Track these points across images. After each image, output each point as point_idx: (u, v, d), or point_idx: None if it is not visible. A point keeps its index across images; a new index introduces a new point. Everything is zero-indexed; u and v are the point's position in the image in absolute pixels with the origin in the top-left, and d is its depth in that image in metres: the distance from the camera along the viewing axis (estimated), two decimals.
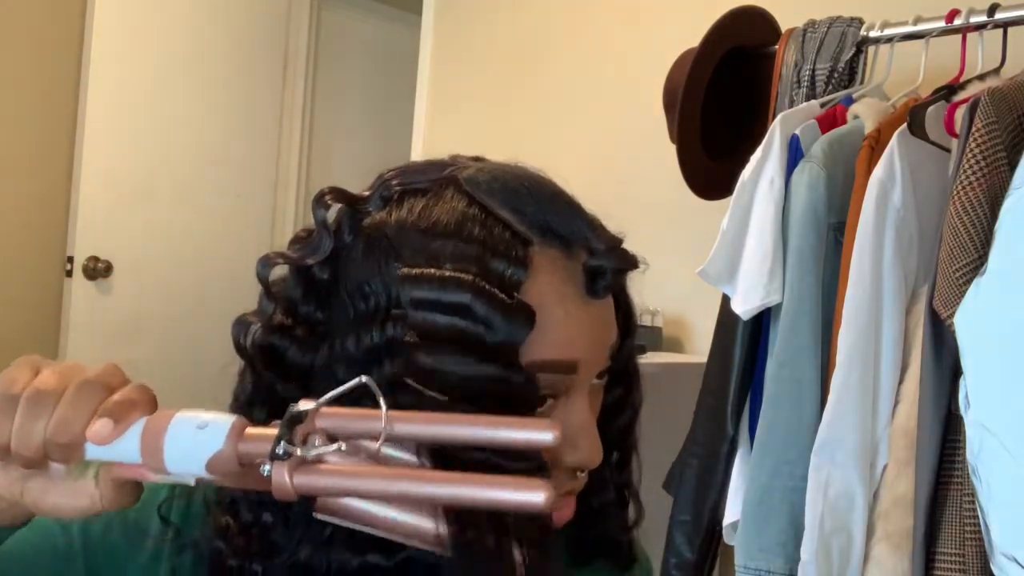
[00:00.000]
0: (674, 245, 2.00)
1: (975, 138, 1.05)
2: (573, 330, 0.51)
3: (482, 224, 0.50)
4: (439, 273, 0.48)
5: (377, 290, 0.50)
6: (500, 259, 0.49)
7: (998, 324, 0.97)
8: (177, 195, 2.96)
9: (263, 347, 0.52)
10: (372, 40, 3.56)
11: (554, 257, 0.51)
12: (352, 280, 0.51)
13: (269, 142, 3.25)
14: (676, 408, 1.46)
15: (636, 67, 2.17)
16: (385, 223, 0.52)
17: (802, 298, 1.25)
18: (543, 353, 0.50)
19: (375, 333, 0.49)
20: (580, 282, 0.52)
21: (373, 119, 3.53)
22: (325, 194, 0.54)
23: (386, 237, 0.51)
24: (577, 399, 0.53)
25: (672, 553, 1.40)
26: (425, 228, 0.51)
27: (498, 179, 0.53)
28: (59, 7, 2.75)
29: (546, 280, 0.50)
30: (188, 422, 0.41)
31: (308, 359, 0.51)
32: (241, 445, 0.40)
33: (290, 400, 0.45)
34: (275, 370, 0.52)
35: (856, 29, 1.41)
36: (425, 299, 0.48)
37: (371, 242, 0.52)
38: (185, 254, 2.98)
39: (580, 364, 0.52)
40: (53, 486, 0.43)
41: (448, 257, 0.49)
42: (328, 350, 0.51)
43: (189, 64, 2.96)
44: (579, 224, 0.53)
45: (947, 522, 1.08)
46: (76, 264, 2.75)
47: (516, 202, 0.52)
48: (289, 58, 3.29)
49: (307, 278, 0.52)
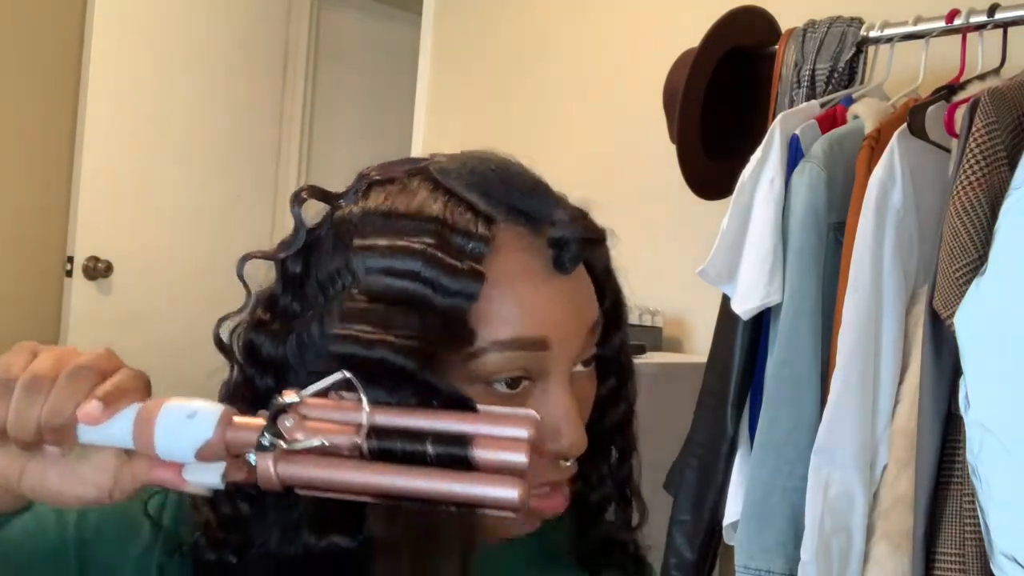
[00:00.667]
0: (674, 245, 2.00)
1: (975, 138, 1.05)
2: (541, 305, 0.51)
3: (444, 204, 0.51)
4: (391, 242, 0.49)
5: (342, 274, 0.51)
6: (460, 235, 0.50)
7: (998, 324, 0.97)
8: (177, 195, 2.96)
9: (244, 344, 0.54)
10: (372, 40, 3.56)
11: (520, 234, 0.52)
12: (322, 269, 0.52)
13: (269, 142, 3.25)
14: (676, 408, 1.46)
15: (636, 67, 2.17)
16: (351, 212, 0.53)
17: (802, 298, 1.25)
18: (511, 331, 0.50)
19: (335, 313, 0.50)
20: (547, 257, 0.52)
21: (373, 119, 3.52)
22: (300, 191, 0.55)
23: (351, 223, 0.52)
24: (555, 383, 0.52)
25: (672, 553, 1.40)
26: (387, 211, 0.52)
27: (466, 164, 0.54)
28: (59, 7, 2.75)
29: (511, 256, 0.51)
30: (178, 410, 0.42)
31: (280, 350, 0.52)
32: (229, 434, 0.42)
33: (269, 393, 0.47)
34: (254, 365, 0.53)
35: (856, 29, 1.41)
36: (376, 267, 0.49)
37: (338, 231, 0.53)
38: (185, 254, 2.97)
39: (551, 342, 0.51)
40: (53, 471, 0.44)
41: (406, 232, 0.50)
42: (296, 339, 0.52)
43: (189, 64, 2.96)
44: (543, 201, 0.53)
45: (947, 522, 1.08)
46: (76, 264, 2.75)
47: (481, 184, 0.52)
48: (289, 58, 3.29)
49: (284, 272, 0.54)
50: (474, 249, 0.49)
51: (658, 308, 1.95)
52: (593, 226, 0.55)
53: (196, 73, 2.98)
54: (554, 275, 0.52)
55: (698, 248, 1.38)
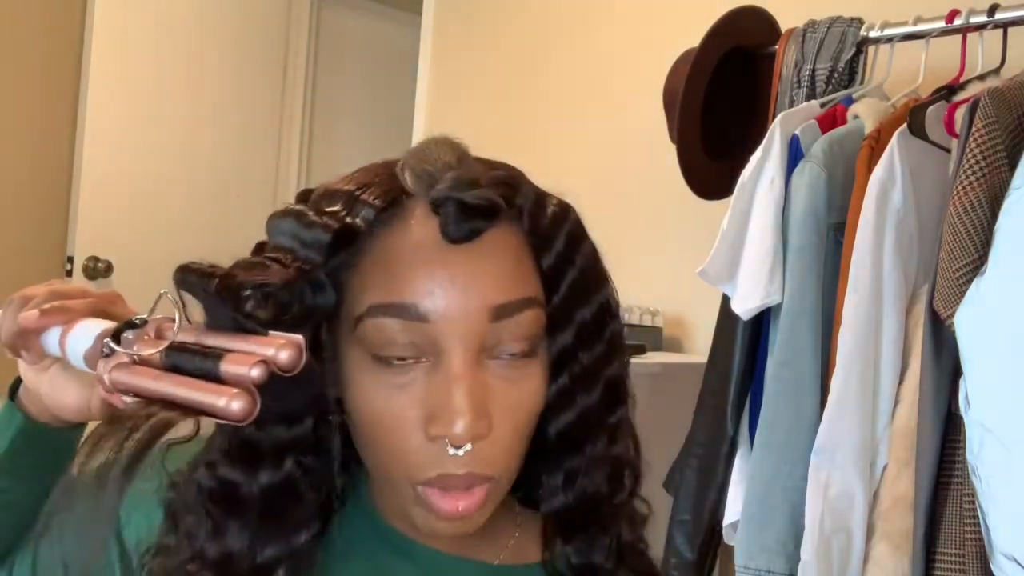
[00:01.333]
0: (674, 245, 2.00)
1: (975, 138, 1.05)
2: (418, 273, 0.49)
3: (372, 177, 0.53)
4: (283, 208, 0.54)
5: None
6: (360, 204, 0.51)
7: (998, 324, 0.97)
8: (177, 195, 2.96)
9: None
10: (372, 40, 3.56)
11: (426, 209, 0.51)
12: None
13: (269, 142, 3.25)
14: (676, 408, 1.46)
15: (636, 67, 2.17)
16: None
17: (802, 298, 1.25)
18: (384, 296, 0.50)
19: None
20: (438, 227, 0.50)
21: (373, 119, 3.52)
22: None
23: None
24: (446, 361, 0.50)
25: (672, 553, 1.40)
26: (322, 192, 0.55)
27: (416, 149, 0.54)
28: (59, 7, 2.75)
29: (406, 227, 0.51)
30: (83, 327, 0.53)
31: None
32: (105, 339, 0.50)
33: None
34: None
35: (856, 29, 1.41)
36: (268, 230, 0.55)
37: None
38: (185, 254, 2.94)
39: (430, 314, 0.49)
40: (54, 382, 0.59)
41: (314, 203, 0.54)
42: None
43: (189, 64, 2.96)
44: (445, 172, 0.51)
45: (947, 522, 1.08)
46: (76, 264, 2.75)
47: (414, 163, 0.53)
48: (289, 58, 3.29)
49: None
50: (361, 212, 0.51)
51: (658, 308, 1.94)
52: (482, 193, 0.50)
53: (196, 73, 2.98)
54: (445, 247, 0.50)
55: (698, 248, 1.38)
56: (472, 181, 0.51)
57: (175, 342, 0.47)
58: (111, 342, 0.49)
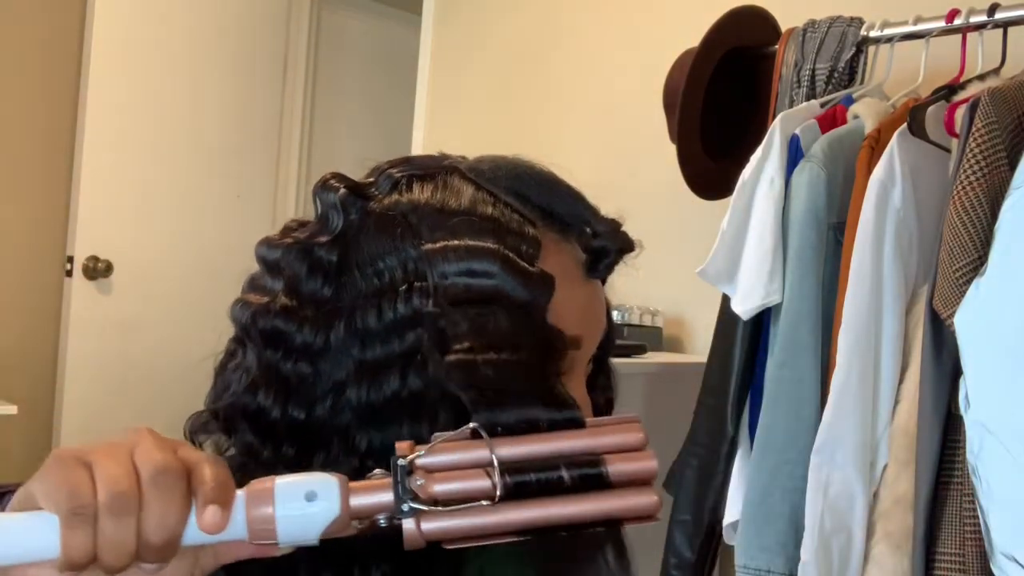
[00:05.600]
0: (674, 245, 2.00)
1: (975, 138, 1.05)
2: (578, 308, 0.53)
3: (492, 205, 0.52)
4: (464, 243, 0.50)
5: (391, 265, 0.50)
6: (514, 236, 0.51)
7: (998, 324, 0.97)
8: (177, 195, 2.96)
9: (267, 329, 0.52)
10: (372, 40, 3.56)
11: (556, 239, 0.54)
12: (365, 257, 0.51)
13: (269, 142, 3.25)
14: (676, 408, 1.46)
15: (636, 67, 2.17)
16: (397, 203, 0.53)
17: (802, 298, 1.25)
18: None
19: (399, 306, 0.49)
20: (580, 261, 0.54)
21: (373, 119, 3.52)
22: (329, 179, 0.54)
23: (401, 215, 0.52)
24: (576, 379, 0.54)
25: (672, 553, 1.40)
26: (439, 207, 0.52)
27: (500, 167, 0.55)
28: (59, 7, 2.75)
29: (552, 260, 0.52)
30: (293, 494, 0.39)
31: (321, 338, 0.50)
32: (353, 502, 0.40)
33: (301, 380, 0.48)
34: (280, 350, 0.51)
35: (856, 29, 1.41)
36: (453, 270, 0.49)
37: (384, 221, 0.52)
38: (185, 254, 2.97)
39: (583, 341, 0.53)
40: None
41: (466, 233, 0.50)
42: (344, 327, 0.50)
43: (189, 64, 2.96)
44: (579, 208, 0.55)
45: (947, 522, 1.08)
46: (76, 264, 2.75)
47: (519, 187, 0.54)
48: (289, 58, 3.29)
49: (313, 258, 0.52)
50: (528, 250, 0.51)
51: (658, 308, 1.94)
52: (629, 239, 0.57)
53: (196, 73, 2.98)
54: (586, 281, 0.54)
55: (698, 248, 1.38)
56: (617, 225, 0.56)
57: (505, 461, 0.40)
58: (405, 498, 0.40)
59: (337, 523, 0.39)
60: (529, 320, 0.49)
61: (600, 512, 0.40)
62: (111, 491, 0.36)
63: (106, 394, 2.80)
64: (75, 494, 0.36)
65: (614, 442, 0.42)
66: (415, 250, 0.50)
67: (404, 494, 0.40)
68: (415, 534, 0.40)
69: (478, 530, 0.40)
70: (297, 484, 0.39)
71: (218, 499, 0.38)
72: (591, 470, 0.41)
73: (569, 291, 0.52)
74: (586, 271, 0.54)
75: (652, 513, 0.41)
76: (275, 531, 0.39)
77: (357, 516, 0.40)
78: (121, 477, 0.37)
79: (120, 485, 0.37)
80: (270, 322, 0.52)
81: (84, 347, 2.77)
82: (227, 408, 0.53)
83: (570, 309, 0.52)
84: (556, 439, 0.42)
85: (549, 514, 0.40)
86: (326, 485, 0.39)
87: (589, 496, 0.40)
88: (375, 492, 0.40)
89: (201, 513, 0.38)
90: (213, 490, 0.38)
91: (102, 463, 0.37)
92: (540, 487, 0.40)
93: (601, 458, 0.41)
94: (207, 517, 0.38)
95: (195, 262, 2.97)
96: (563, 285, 0.51)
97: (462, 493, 0.40)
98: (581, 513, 0.40)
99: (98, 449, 0.38)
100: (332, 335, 0.50)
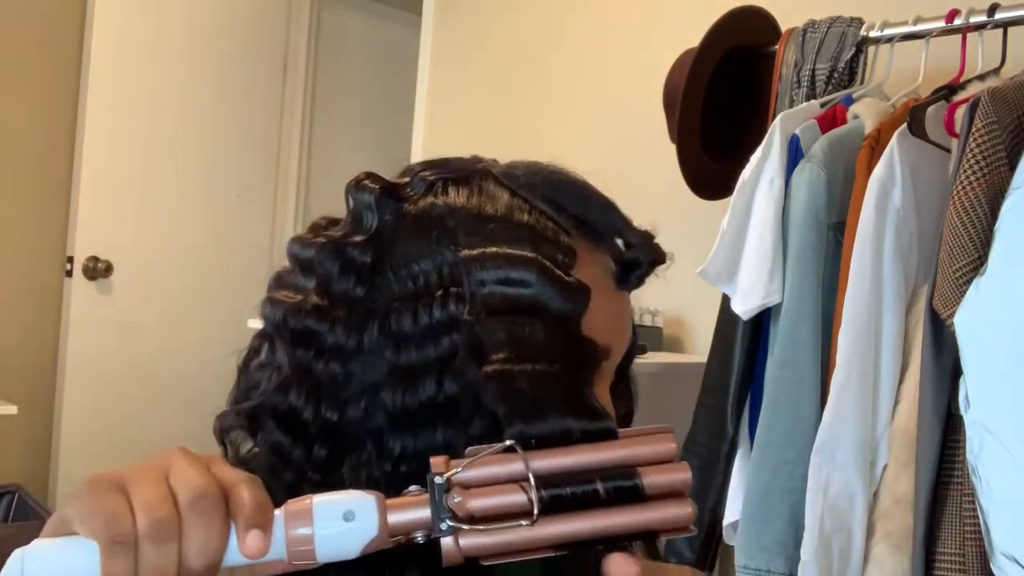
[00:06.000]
0: (674, 245, 2.00)
1: (975, 138, 1.05)
2: (608, 318, 0.53)
3: (528, 212, 0.52)
4: (503, 251, 0.49)
5: (427, 269, 0.50)
6: (549, 244, 0.50)
7: (998, 324, 0.97)
8: (177, 195, 2.96)
9: (298, 328, 0.51)
10: (372, 40, 3.56)
11: (589, 249, 0.54)
12: (400, 259, 0.51)
13: (269, 142, 3.25)
14: (676, 408, 1.46)
15: (636, 67, 2.17)
16: (433, 206, 0.52)
17: (802, 298, 1.25)
18: None
19: (435, 310, 0.49)
20: (610, 271, 0.55)
21: (373, 119, 3.53)
22: (363, 179, 0.54)
23: (438, 218, 0.52)
24: (603, 388, 0.54)
25: (672, 553, 1.40)
26: (476, 212, 0.52)
27: (536, 174, 0.55)
28: (59, 7, 2.75)
29: (586, 270, 0.52)
30: (331, 513, 0.39)
31: (354, 339, 0.50)
32: (391, 519, 0.40)
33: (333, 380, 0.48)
34: (312, 350, 0.51)
35: (856, 29, 1.41)
36: (491, 277, 0.48)
37: (419, 223, 0.52)
38: (185, 254, 2.97)
39: (613, 352, 0.54)
40: None
41: (503, 240, 0.50)
42: (378, 329, 0.50)
43: (189, 64, 2.96)
44: (613, 218, 0.55)
45: (947, 522, 1.08)
46: (76, 264, 2.75)
47: (553, 195, 0.54)
48: (289, 58, 3.29)
49: (347, 258, 0.51)
50: (564, 259, 0.50)
51: (658, 308, 1.95)
52: (661, 251, 0.57)
53: (196, 73, 2.98)
54: (617, 291, 0.55)
55: (698, 248, 1.38)
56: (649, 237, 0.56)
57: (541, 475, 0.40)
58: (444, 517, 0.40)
59: (375, 541, 0.39)
60: (565, 331, 0.48)
61: (636, 525, 0.40)
62: (151, 518, 0.36)
63: (106, 394, 2.80)
64: (114, 521, 0.36)
65: (647, 453, 0.41)
66: (452, 255, 0.50)
67: (441, 511, 0.40)
68: (454, 551, 0.40)
69: (515, 546, 0.40)
70: (335, 503, 0.39)
71: (259, 523, 0.38)
72: (626, 482, 0.40)
73: (601, 301, 0.51)
74: (616, 282, 0.55)
75: (687, 524, 0.41)
76: (314, 551, 0.39)
77: (395, 534, 0.40)
78: (159, 503, 0.36)
79: (159, 512, 0.36)
80: (302, 321, 0.51)
81: (84, 347, 2.77)
82: (255, 407, 0.52)
83: (601, 319, 0.52)
84: (590, 451, 0.42)
85: (585, 528, 0.40)
86: (364, 504, 0.39)
87: (625, 509, 0.40)
88: (412, 509, 0.40)
89: (243, 537, 0.38)
90: (253, 514, 0.38)
91: (139, 488, 0.37)
92: (576, 501, 0.40)
93: (636, 470, 0.41)
94: (249, 542, 0.38)
95: (195, 262, 2.97)
96: (596, 295, 0.51)
97: (499, 508, 0.40)
98: (617, 526, 0.40)
99: (133, 473, 0.38)
100: (366, 336, 0.50)
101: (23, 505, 2.28)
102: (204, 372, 2.70)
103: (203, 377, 2.69)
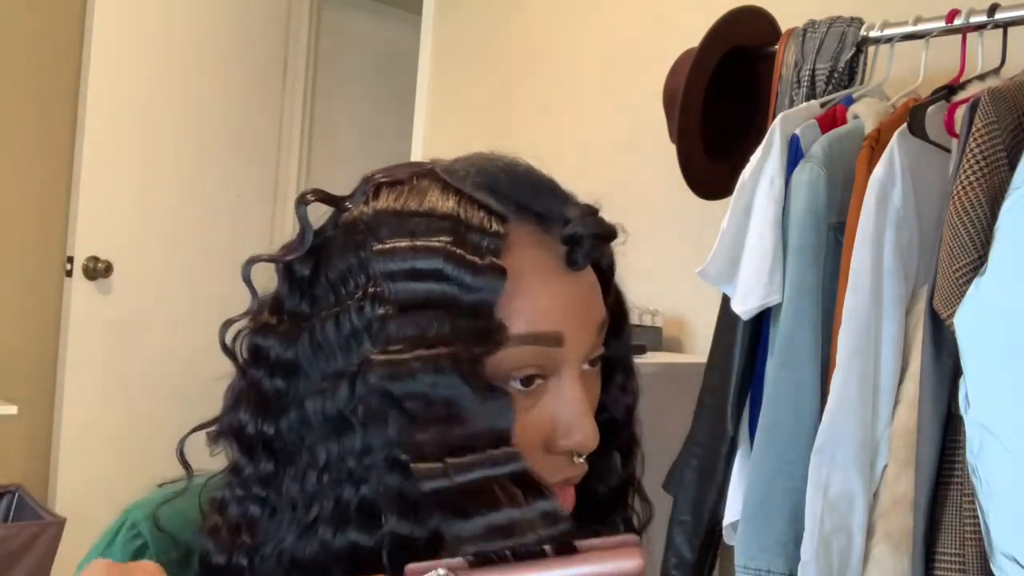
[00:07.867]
0: (674, 245, 2.00)
1: (975, 138, 1.05)
2: (555, 302, 0.51)
3: (456, 202, 0.51)
4: (411, 243, 0.49)
5: (356, 274, 0.51)
6: (475, 232, 0.50)
7: (998, 324, 0.97)
8: (177, 195, 2.96)
9: (249, 347, 0.54)
10: (372, 40, 3.56)
11: (531, 231, 0.52)
12: (333, 270, 0.52)
13: (269, 142, 3.25)
14: (676, 408, 1.46)
15: (636, 67, 2.17)
16: (363, 212, 0.53)
17: (802, 298, 1.25)
18: (526, 326, 0.50)
19: (353, 316, 0.49)
20: (559, 254, 0.53)
21: (373, 119, 3.52)
22: (306, 194, 0.55)
23: (363, 223, 0.52)
24: (568, 379, 0.52)
25: (672, 553, 1.40)
26: (399, 210, 0.52)
27: (473, 164, 0.54)
28: (59, 7, 2.75)
29: (524, 253, 0.51)
30: None
31: (291, 352, 0.52)
32: None
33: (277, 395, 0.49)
34: (261, 367, 0.53)
35: (856, 29, 1.41)
36: (399, 270, 0.49)
37: (348, 231, 0.53)
38: (185, 254, 2.97)
39: (565, 338, 0.51)
40: None
41: (422, 232, 0.50)
42: (308, 341, 0.51)
43: (189, 64, 2.96)
44: (554, 198, 0.54)
45: (947, 522, 1.08)
46: (76, 264, 2.75)
47: (490, 182, 0.53)
48: (289, 58, 3.29)
49: (290, 274, 0.53)
50: (490, 245, 0.49)
51: (658, 308, 1.94)
52: (605, 223, 0.55)
53: (196, 73, 2.98)
54: (566, 271, 0.53)
55: (698, 248, 1.38)
56: (590, 211, 0.55)
57: None
58: None
59: None
60: (470, 312, 0.48)
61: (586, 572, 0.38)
62: None
63: (106, 394, 2.80)
64: None
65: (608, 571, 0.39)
66: (368, 255, 0.50)
67: None
68: None
69: None
70: None
71: None
72: None
73: (544, 285, 0.51)
74: (564, 262, 0.53)
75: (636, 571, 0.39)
76: None
77: None
78: None
79: None
80: (252, 340, 0.53)
81: (84, 347, 2.77)
82: (218, 427, 0.55)
83: (548, 303, 0.51)
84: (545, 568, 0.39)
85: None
86: None
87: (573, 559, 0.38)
88: None
89: None
90: None
91: None
92: None
93: None
94: None
95: (195, 262, 2.97)
96: (537, 277, 0.51)
97: None
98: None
99: None
100: (299, 349, 0.51)
101: (23, 505, 2.28)
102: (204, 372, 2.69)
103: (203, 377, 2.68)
